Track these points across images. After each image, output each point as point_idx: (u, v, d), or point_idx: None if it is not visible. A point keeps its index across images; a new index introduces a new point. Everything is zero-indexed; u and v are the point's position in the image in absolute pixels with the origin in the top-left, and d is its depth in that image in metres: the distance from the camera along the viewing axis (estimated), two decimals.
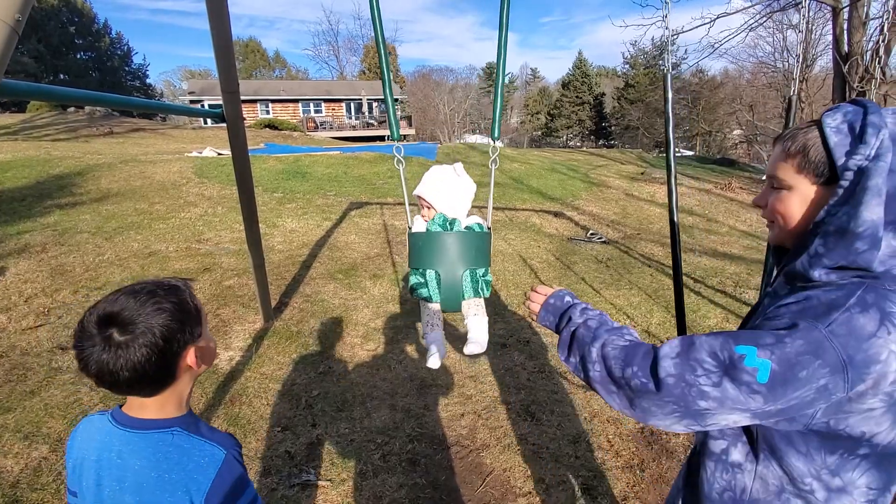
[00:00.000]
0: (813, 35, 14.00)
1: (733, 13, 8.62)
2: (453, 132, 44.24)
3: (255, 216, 3.11)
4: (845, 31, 8.24)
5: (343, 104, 31.28)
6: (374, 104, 31.61)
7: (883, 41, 5.49)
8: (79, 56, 33.55)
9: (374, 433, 2.56)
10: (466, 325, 1.47)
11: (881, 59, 4.38)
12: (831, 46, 9.27)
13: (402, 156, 1.45)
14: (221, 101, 2.52)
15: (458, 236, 1.38)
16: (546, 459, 2.40)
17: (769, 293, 0.91)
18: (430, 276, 1.39)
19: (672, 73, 2.17)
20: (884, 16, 6.26)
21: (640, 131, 32.99)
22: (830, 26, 9.52)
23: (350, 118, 31.14)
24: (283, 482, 2.20)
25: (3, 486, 2.07)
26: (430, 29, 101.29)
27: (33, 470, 2.18)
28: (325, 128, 28.10)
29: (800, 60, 3.23)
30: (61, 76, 31.42)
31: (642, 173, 11.95)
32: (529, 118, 49.60)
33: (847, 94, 7.98)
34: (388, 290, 4.40)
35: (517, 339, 3.61)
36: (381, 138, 26.05)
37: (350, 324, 3.76)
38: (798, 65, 3.08)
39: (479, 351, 1.42)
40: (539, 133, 47.94)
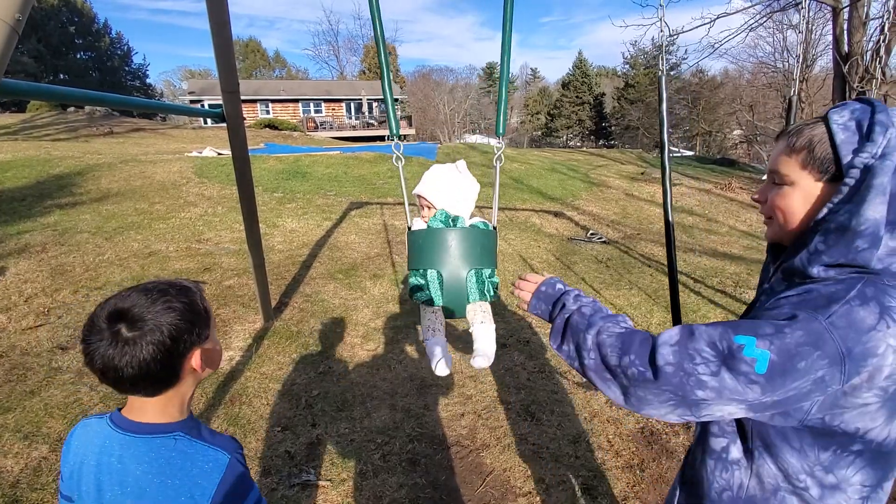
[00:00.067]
0: (813, 35, 14.01)
1: (733, 13, 8.61)
2: (453, 132, 44.21)
3: (255, 216, 3.12)
4: (845, 32, 8.23)
5: (343, 104, 31.27)
6: (374, 104, 31.59)
7: (883, 41, 5.51)
8: (79, 56, 33.58)
9: (374, 433, 2.56)
10: (472, 334, 1.36)
11: (881, 59, 4.39)
12: (831, 46, 9.27)
13: (402, 153, 1.37)
14: (221, 101, 2.53)
15: (463, 232, 1.27)
16: (546, 459, 2.40)
17: (766, 290, 0.91)
18: (432, 276, 1.28)
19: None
20: (884, 16, 6.26)
21: (640, 131, 32.94)
22: (830, 26, 9.52)
23: (350, 118, 31.12)
24: (283, 482, 2.20)
25: (3, 486, 2.08)
26: (430, 29, 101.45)
27: (33, 470, 2.18)
28: (325, 128, 28.08)
29: (800, 60, 3.23)
30: (61, 76, 31.45)
31: (642, 173, 11.94)
32: (529, 118, 49.60)
33: (847, 95, 7.97)
34: (388, 290, 4.40)
35: (517, 339, 3.61)
36: (381, 138, 26.01)
37: (350, 324, 3.76)
38: (798, 65, 3.08)
39: (486, 364, 1.30)
40: (539, 133, 47.94)
